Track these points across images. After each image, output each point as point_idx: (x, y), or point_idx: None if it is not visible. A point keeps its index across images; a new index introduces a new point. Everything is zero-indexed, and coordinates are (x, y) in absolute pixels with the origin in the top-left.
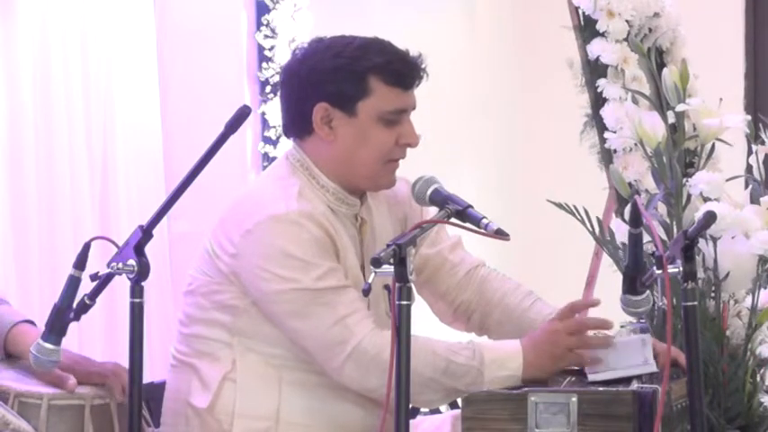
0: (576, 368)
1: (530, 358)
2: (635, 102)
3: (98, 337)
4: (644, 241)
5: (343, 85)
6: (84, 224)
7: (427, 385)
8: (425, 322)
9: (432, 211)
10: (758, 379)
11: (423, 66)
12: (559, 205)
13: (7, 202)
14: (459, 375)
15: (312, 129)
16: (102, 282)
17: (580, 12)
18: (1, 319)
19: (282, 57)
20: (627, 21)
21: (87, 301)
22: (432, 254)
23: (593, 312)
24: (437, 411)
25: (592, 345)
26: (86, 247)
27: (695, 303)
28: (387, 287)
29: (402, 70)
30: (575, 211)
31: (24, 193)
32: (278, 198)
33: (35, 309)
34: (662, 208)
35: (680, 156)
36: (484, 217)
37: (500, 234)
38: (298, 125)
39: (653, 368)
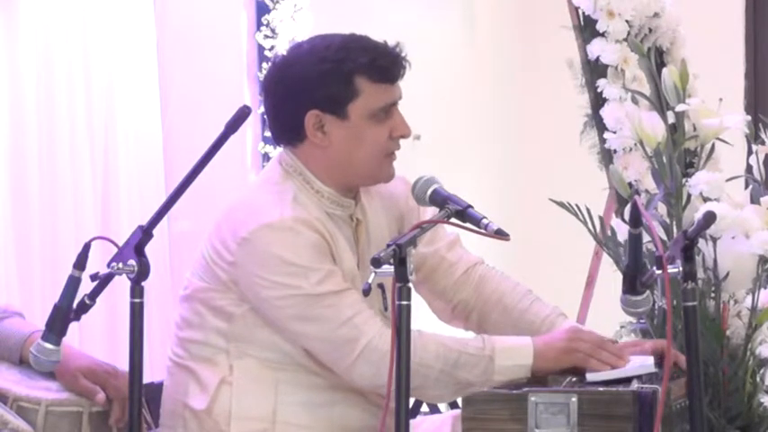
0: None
1: (540, 349)
2: (635, 102)
3: (98, 338)
4: (644, 241)
5: (331, 90)
6: (86, 224)
7: (439, 379)
8: (425, 321)
9: (430, 210)
10: (758, 379)
11: (404, 56)
12: (562, 204)
13: (9, 202)
14: (471, 366)
15: (305, 136)
16: (103, 282)
17: (580, 12)
18: (19, 329)
19: None
20: (627, 21)
21: (87, 302)
22: (429, 252)
23: (593, 311)
24: (437, 411)
25: (602, 356)
26: (86, 247)
27: (695, 303)
28: (380, 286)
29: (387, 65)
30: (577, 210)
31: (26, 192)
32: (272, 205)
33: (36, 308)
34: (662, 208)
35: (680, 156)
36: (484, 217)
37: (500, 234)
38: (289, 134)
39: (651, 368)
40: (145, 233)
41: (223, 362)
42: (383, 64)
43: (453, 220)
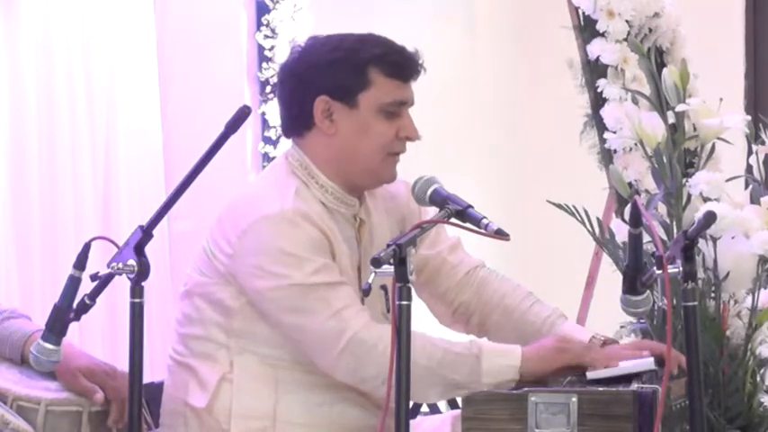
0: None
1: (528, 350)
2: (635, 102)
3: (98, 338)
4: (644, 241)
5: (343, 78)
6: (86, 224)
7: (423, 377)
8: (425, 323)
9: (431, 212)
10: (758, 379)
11: (420, 60)
12: (559, 206)
13: (9, 202)
14: (458, 365)
15: (313, 123)
16: (103, 282)
17: (580, 12)
18: (22, 328)
19: (282, 57)
20: (627, 21)
21: (87, 302)
22: (431, 255)
23: (593, 311)
24: (437, 411)
25: (594, 355)
26: (86, 247)
27: (695, 303)
28: (383, 288)
29: (400, 62)
30: (575, 211)
31: (27, 192)
32: (273, 198)
33: (36, 308)
34: (662, 208)
35: (680, 156)
36: (484, 217)
37: (500, 234)
38: (298, 121)
39: (651, 365)
40: (145, 233)
41: (223, 358)
42: (397, 59)
43: (453, 220)
